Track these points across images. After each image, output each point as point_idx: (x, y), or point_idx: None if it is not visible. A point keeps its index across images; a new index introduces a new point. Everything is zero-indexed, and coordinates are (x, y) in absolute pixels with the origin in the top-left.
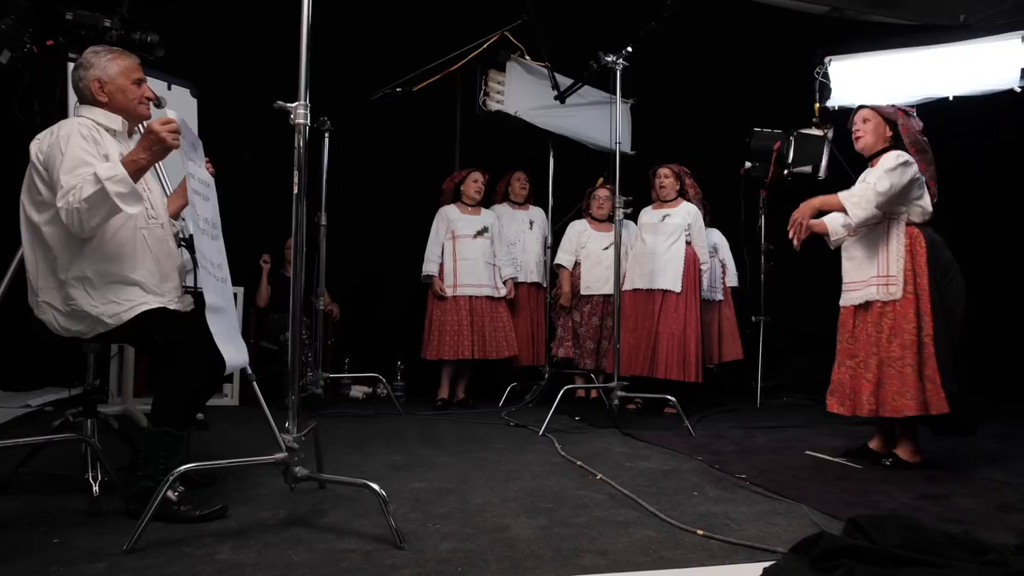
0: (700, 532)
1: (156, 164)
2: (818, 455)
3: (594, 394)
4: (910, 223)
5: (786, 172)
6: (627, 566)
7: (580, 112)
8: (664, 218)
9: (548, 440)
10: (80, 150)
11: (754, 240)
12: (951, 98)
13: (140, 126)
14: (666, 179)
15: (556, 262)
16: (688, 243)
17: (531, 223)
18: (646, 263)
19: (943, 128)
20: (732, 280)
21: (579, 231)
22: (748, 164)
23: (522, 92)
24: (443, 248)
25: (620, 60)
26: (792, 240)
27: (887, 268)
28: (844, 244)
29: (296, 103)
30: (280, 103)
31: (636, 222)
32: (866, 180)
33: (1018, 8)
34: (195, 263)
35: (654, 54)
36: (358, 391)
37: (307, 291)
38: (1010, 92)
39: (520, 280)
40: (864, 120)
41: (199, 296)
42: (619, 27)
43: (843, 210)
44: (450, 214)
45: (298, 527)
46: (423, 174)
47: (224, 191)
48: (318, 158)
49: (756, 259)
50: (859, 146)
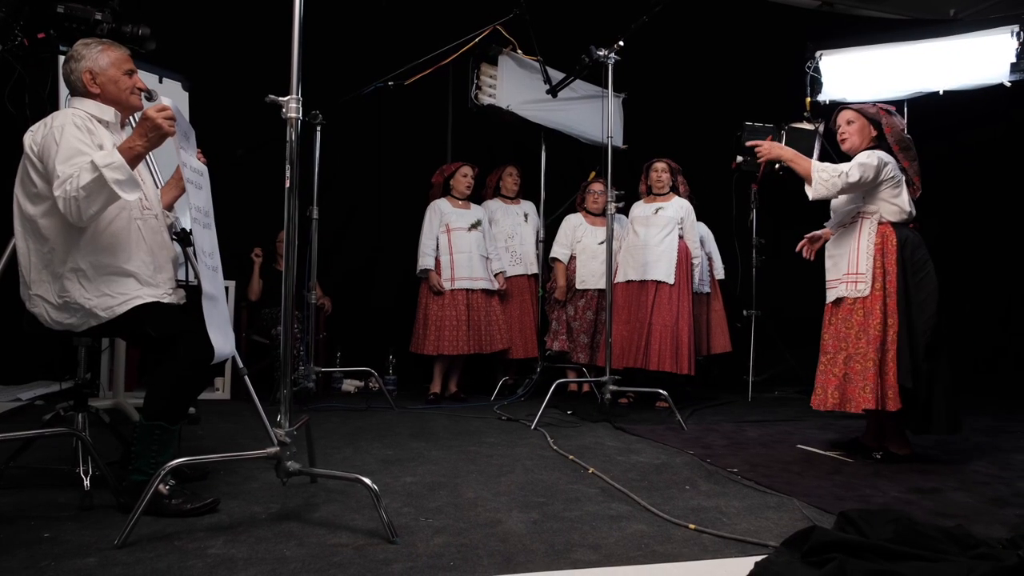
0: (692, 526)
1: (147, 156)
2: (809, 449)
3: (586, 388)
4: (884, 222)
5: (777, 167)
6: (619, 560)
7: (572, 106)
8: (657, 211)
9: (540, 434)
10: (75, 139)
11: (745, 234)
12: (941, 92)
13: (132, 118)
14: (663, 173)
15: (551, 256)
16: (680, 236)
17: (525, 216)
18: (639, 255)
19: (933, 122)
20: (719, 273)
21: (574, 225)
22: (739, 158)
23: (514, 86)
24: (437, 241)
25: (612, 54)
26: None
27: (857, 266)
28: (828, 243)
29: (288, 97)
30: (272, 97)
31: (627, 216)
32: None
33: (1008, 3)
34: (187, 257)
35: (645, 48)
36: (350, 385)
37: (299, 285)
38: (1000, 86)
39: (520, 272)
40: (848, 122)
41: (191, 288)
42: (610, 21)
43: (809, 178)
44: (443, 207)
45: (290, 521)
46: (414, 168)
47: (215, 184)
48: (310, 152)
49: (747, 253)
50: (845, 148)
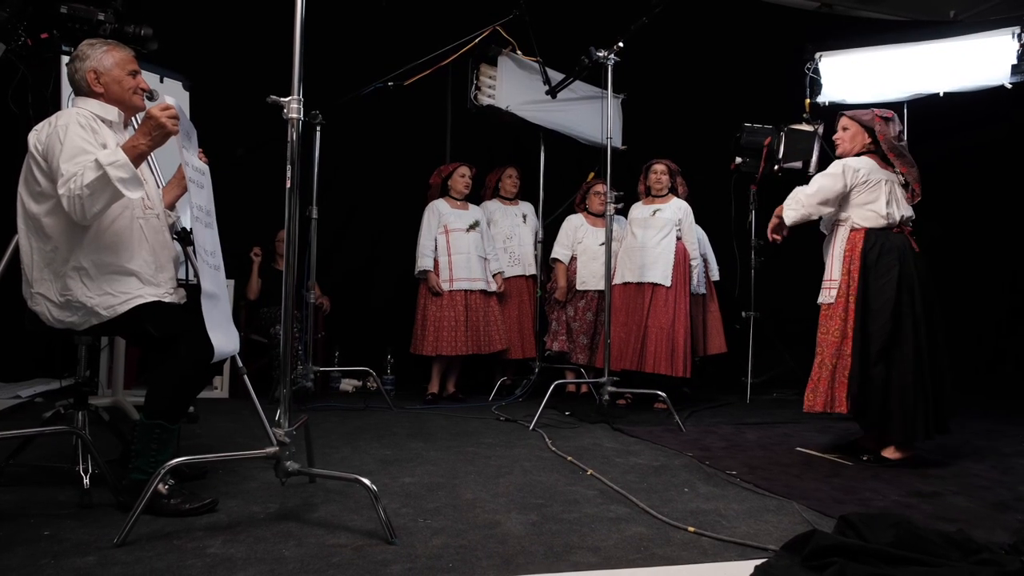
0: (691, 529)
1: (149, 155)
2: (808, 451)
3: (584, 389)
4: (857, 228)
5: (776, 168)
6: (619, 563)
7: (571, 107)
8: (655, 212)
9: (538, 435)
10: (79, 138)
11: (744, 236)
12: (942, 94)
13: (136, 118)
14: (663, 174)
15: (552, 256)
16: (679, 238)
17: (524, 216)
18: (636, 257)
19: (933, 124)
20: (714, 274)
21: (576, 226)
22: (738, 159)
23: (513, 87)
24: (436, 242)
25: (611, 55)
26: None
27: (831, 272)
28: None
29: (290, 98)
30: (273, 98)
31: (626, 217)
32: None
33: (1008, 4)
34: (187, 256)
35: (644, 49)
36: (348, 384)
37: (298, 284)
38: (1000, 88)
39: (518, 273)
40: (843, 128)
41: (192, 288)
42: (610, 22)
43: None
44: (441, 208)
45: (289, 521)
46: (413, 168)
47: (215, 184)
48: (310, 152)
49: (746, 254)
50: (838, 153)
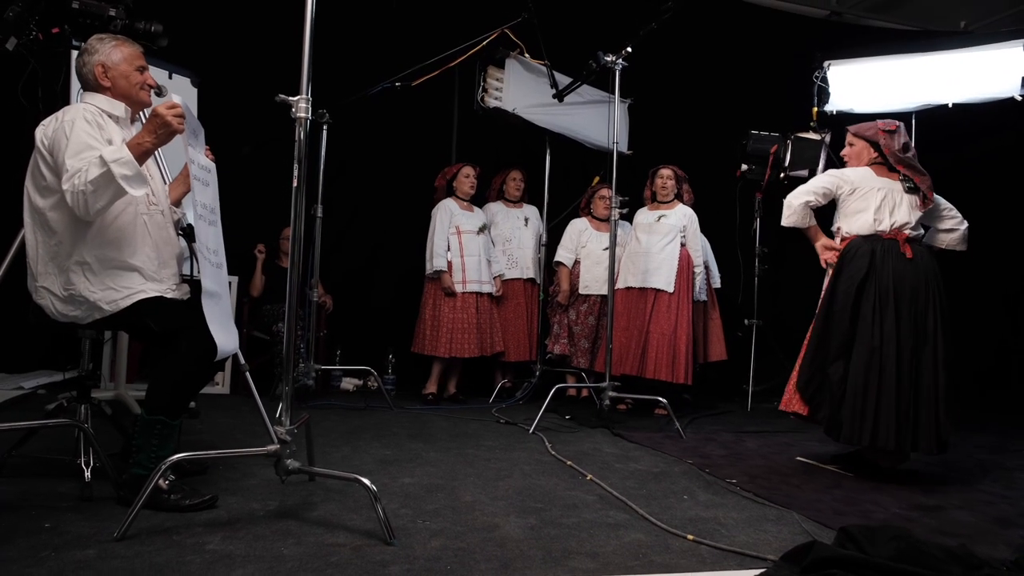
0: (690, 537)
1: (155, 151)
2: (809, 461)
3: (585, 393)
4: (847, 236)
5: (782, 175)
6: (617, 569)
7: (578, 111)
8: (660, 218)
9: (538, 439)
10: (85, 134)
11: (749, 243)
12: (951, 105)
13: (142, 113)
14: (669, 180)
15: (556, 259)
16: (683, 245)
17: (526, 220)
18: (640, 262)
19: (941, 134)
20: (716, 282)
21: (580, 230)
22: (744, 167)
23: (520, 89)
24: (448, 243)
25: (619, 60)
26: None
27: (825, 281)
28: None
29: (298, 97)
30: (282, 96)
31: (631, 222)
32: None
33: (1020, 16)
34: (192, 252)
35: (652, 54)
36: (349, 383)
37: (301, 282)
38: (1010, 100)
39: (516, 276)
40: (850, 144)
41: (195, 284)
42: (618, 27)
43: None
44: (452, 208)
45: (288, 519)
46: (418, 168)
47: (221, 181)
48: (316, 150)
49: (750, 262)
50: (830, 171)
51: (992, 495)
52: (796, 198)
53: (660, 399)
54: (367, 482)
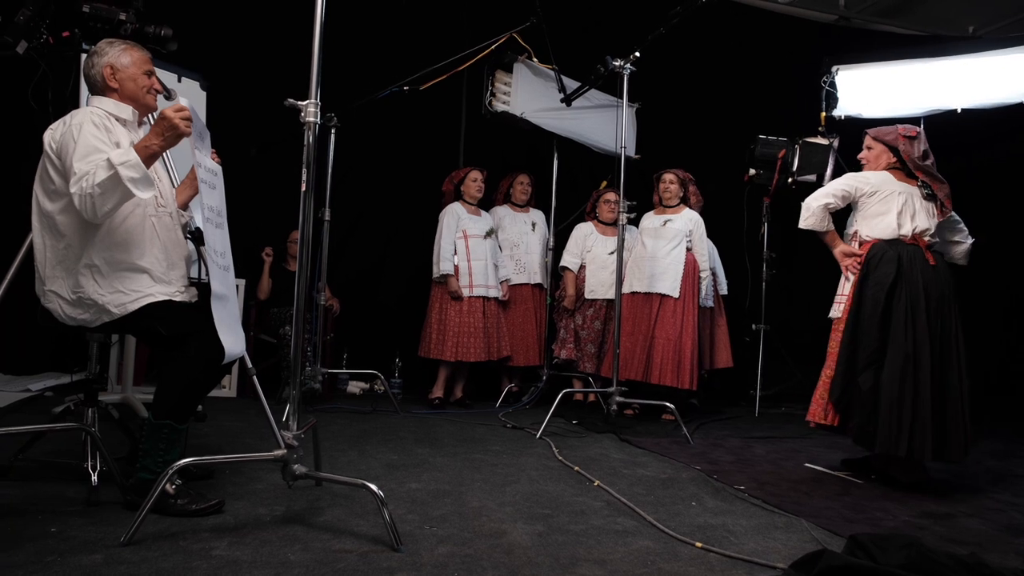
0: (699, 544)
1: (164, 154)
2: (818, 468)
3: (592, 398)
4: (867, 240)
5: (790, 180)
6: None
7: (585, 115)
8: (665, 223)
9: (545, 444)
10: (92, 137)
11: (756, 248)
12: (959, 110)
13: (150, 117)
14: (671, 184)
15: (562, 264)
16: (689, 250)
17: (533, 224)
18: (645, 267)
19: (951, 141)
20: (723, 288)
21: (585, 234)
22: (752, 171)
23: (528, 94)
24: (455, 247)
25: (628, 65)
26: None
27: (842, 287)
28: None
29: (307, 101)
30: (291, 101)
31: (638, 226)
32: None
33: None
34: (200, 256)
35: (660, 58)
36: (355, 387)
37: (308, 286)
38: (1019, 106)
39: (523, 281)
40: (868, 148)
41: (204, 287)
42: (626, 31)
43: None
44: (460, 211)
45: (295, 525)
46: (426, 172)
47: (228, 183)
48: (324, 154)
49: (758, 267)
50: (849, 173)
51: (1001, 502)
52: (815, 200)
53: (667, 404)
54: (374, 488)
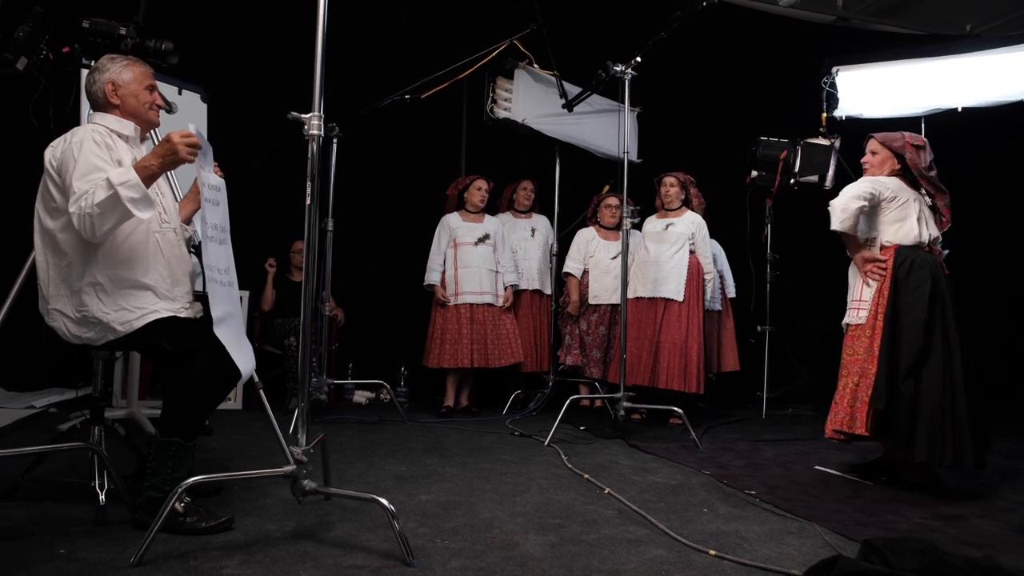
0: (712, 552)
1: (167, 172)
2: (828, 471)
3: (598, 404)
4: (888, 245)
5: (792, 181)
6: None
7: (587, 120)
8: (668, 227)
9: (554, 451)
10: (93, 155)
11: (760, 250)
12: (960, 109)
13: (152, 133)
14: (671, 188)
15: (565, 270)
16: (692, 252)
17: (533, 231)
18: (649, 271)
19: (951, 140)
20: (731, 291)
21: (587, 239)
22: (754, 173)
23: (530, 100)
24: (445, 256)
25: (629, 70)
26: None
27: (859, 292)
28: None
29: (310, 114)
30: (294, 114)
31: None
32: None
33: None
34: (204, 269)
35: (660, 61)
36: (361, 396)
37: (313, 297)
38: (1020, 104)
39: (522, 288)
40: (872, 152)
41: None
42: (627, 36)
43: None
44: (452, 222)
45: (305, 541)
46: (429, 180)
47: (231, 195)
48: (327, 164)
49: (762, 269)
50: (866, 177)
51: (1013, 503)
52: (850, 202)
53: (675, 409)
54: (385, 502)
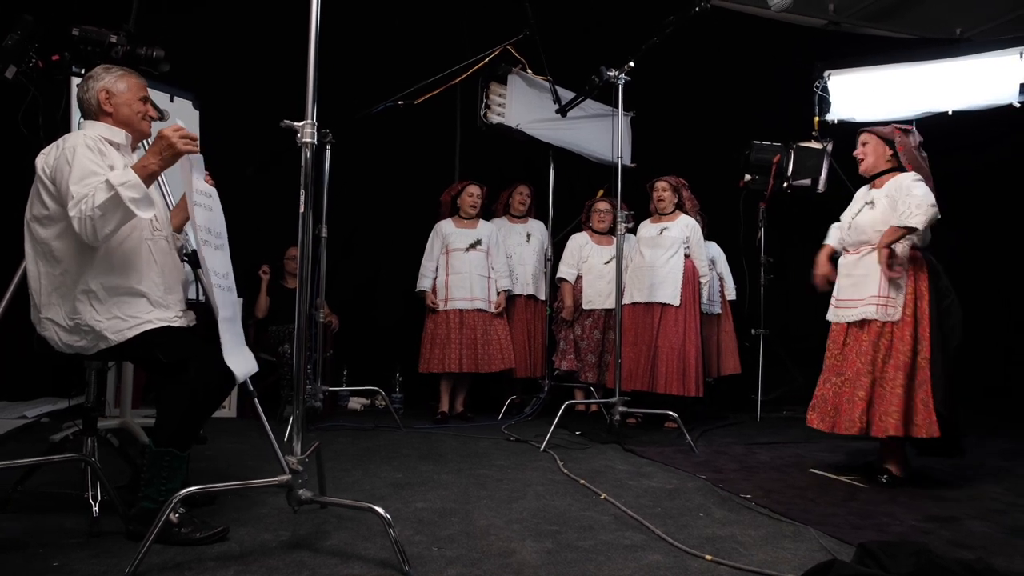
0: (709, 557)
1: (158, 177)
2: (822, 473)
3: (594, 408)
4: (915, 246)
5: (785, 185)
6: None
7: (581, 125)
8: (662, 231)
9: (549, 456)
10: (87, 160)
11: (753, 253)
12: (950, 113)
13: (144, 143)
14: (664, 192)
15: (558, 276)
16: (687, 256)
17: (528, 236)
18: (645, 277)
19: (942, 143)
20: (731, 294)
21: (580, 244)
22: (747, 177)
23: (523, 105)
24: (438, 263)
25: (622, 75)
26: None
27: (887, 289)
28: (844, 261)
29: (304, 122)
30: (287, 122)
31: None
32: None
33: (1015, 23)
34: (197, 277)
35: (654, 66)
36: (356, 403)
37: (308, 304)
38: (1009, 107)
39: (517, 293)
40: (863, 143)
41: (201, 309)
42: (620, 41)
43: (900, 236)
44: (444, 229)
45: (301, 550)
46: (423, 186)
47: (224, 202)
48: (320, 171)
49: (755, 272)
50: (862, 169)
51: (1005, 504)
52: (934, 209)
53: (670, 413)
54: (380, 510)
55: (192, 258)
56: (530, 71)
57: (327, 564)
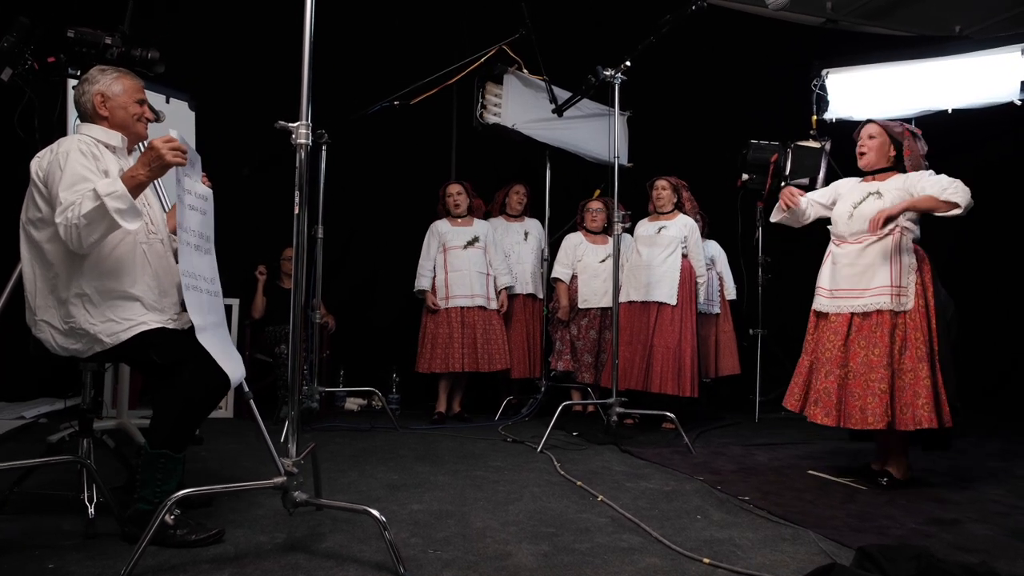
0: (706, 560)
1: (155, 179)
2: (821, 475)
3: (591, 409)
4: (917, 239)
5: (783, 184)
6: None
7: (577, 124)
8: (660, 230)
9: (546, 457)
10: (79, 166)
11: (751, 252)
12: (950, 111)
13: (140, 145)
14: (663, 191)
15: (553, 276)
16: (684, 256)
17: (526, 234)
18: (641, 275)
19: (942, 141)
20: (731, 293)
21: (575, 244)
22: (745, 176)
23: (519, 105)
24: (435, 262)
25: (618, 74)
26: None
27: (899, 279)
28: (842, 251)
29: (298, 123)
30: (282, 123)
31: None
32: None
33: (1014, 20)
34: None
35: (650, 65)
36: (353, 403)
37: (304, 305)
38: (1010, 105)
39: (516, 292)
40: (870, 136)
41: None
42: (616, 40)
43: (934, 209)
44: (440, 228)
45: (296, 552)
46: (419, 187)
47: (220, 203)
48: (316, 171)
49: (753, 271)
50: (862, 163)
51: (1007, 506)
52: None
53: (667, 414)
54: (376, 513)
55: None
56: (526, 71)
57: (322, 567)
